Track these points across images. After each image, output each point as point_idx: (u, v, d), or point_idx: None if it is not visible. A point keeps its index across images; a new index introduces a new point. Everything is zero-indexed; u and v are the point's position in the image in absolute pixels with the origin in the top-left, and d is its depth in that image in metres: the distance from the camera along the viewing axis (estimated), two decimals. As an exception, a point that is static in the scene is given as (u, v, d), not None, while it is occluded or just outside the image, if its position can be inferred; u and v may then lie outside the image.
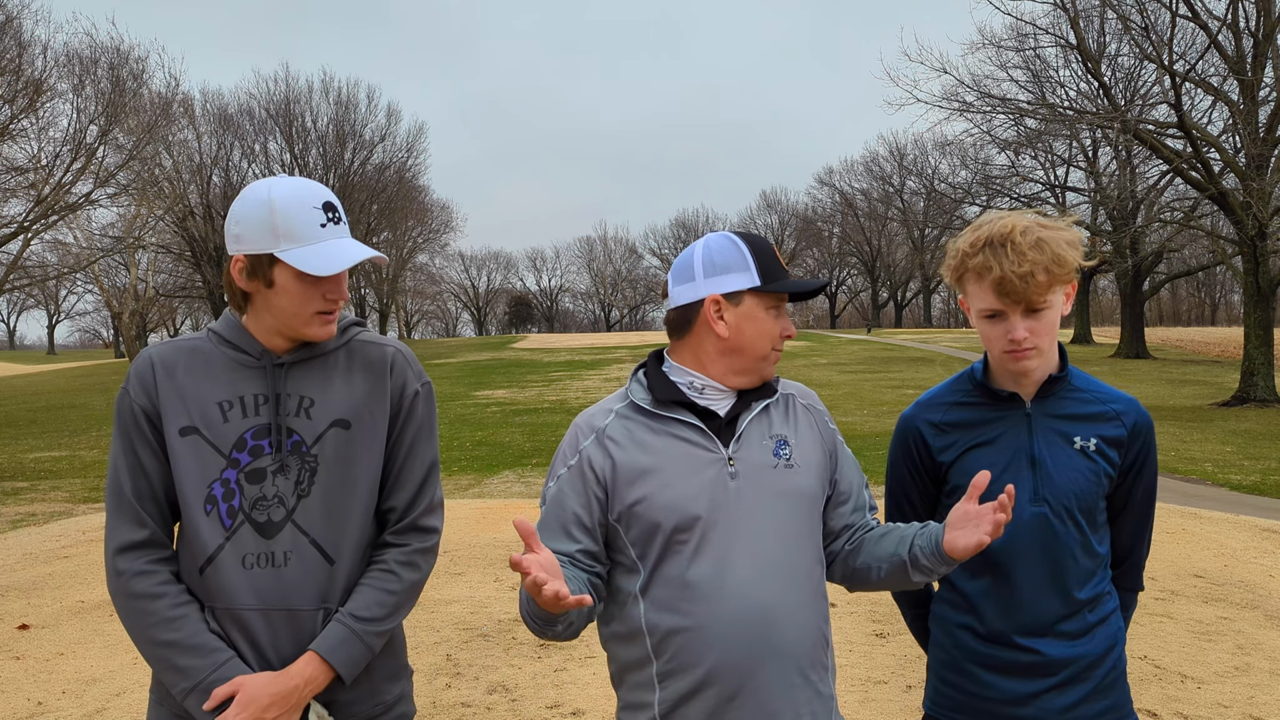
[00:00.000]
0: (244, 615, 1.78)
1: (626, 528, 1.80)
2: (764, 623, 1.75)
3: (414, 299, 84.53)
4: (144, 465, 1.81)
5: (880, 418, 19.79)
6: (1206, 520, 8.69)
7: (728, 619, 1.74)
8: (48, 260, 36.42)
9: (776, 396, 1.92)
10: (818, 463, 1.90)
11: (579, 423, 1.89)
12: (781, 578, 1.78)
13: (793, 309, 23.91)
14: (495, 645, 5.13)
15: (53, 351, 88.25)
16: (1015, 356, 1.88)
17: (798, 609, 1.79)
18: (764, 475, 1.82)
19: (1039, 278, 1.81)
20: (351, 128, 49.39)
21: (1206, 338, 48.20)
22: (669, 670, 1.76)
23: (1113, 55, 32.68)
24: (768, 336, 1.85)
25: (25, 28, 24.99)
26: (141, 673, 4.83)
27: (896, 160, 71.84)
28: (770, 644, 1.75)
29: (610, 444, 1.82)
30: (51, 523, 10.13)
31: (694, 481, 1.78)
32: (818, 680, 1.82)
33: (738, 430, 1.84)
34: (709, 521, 1.76)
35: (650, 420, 1.84)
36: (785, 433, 1.88)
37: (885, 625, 5.39)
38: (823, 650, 1.85)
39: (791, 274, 1.93)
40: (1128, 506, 2.03)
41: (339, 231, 1.82)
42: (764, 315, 1.85)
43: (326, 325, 1.84)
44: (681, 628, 1.75)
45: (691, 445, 1.81)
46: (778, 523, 1.80)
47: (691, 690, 1.75)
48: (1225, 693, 4.37)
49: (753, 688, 1.74)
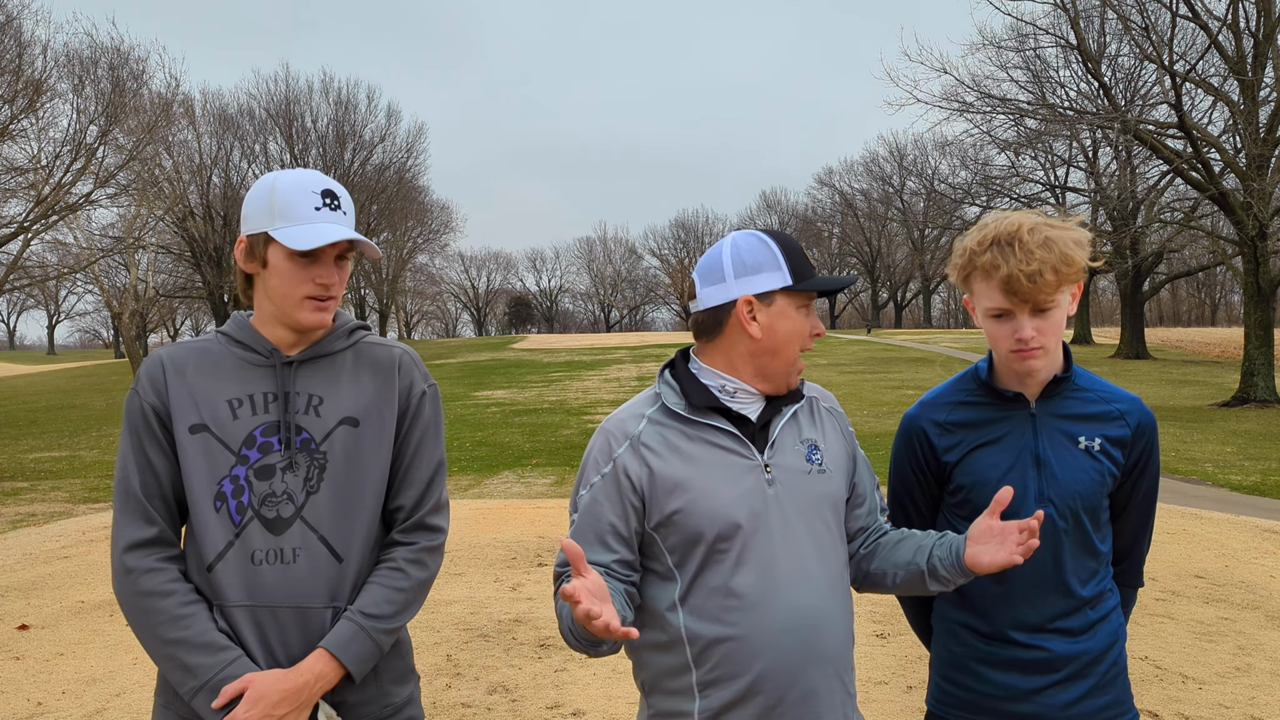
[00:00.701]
0: (253, 612, 1.79)
1: (665, 537, 1.78)
2: (810, 630, 1.76)
3: (414, 299, 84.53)
4: (153, 464, 1.81)
5: (880, 418, 19.79)
6: (1207, 521, 8.69)
7: (775, 628, 1.74)
8: (48, 260, 36.46)
9: (804, 400, 1.92)
10: (844, 466, 1.92)
11: (610, 429, 1.85)
12: (822, 584, 1.80)
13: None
14: (495, 646, 5.13)
15: (53, 352, 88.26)
16: (1022, 356, 1.88)
17: (838, 614, 1.81)
18: (800, 481, 1.82)
19: (1047, 277, 1.80)
20: (351, 128, 49.49)
21: (1206, 338, 48.20)
22: (711, 679, 1.75)
23: (1113, 55, 32.72)
24: (799, 335, 1.83)
25: (25, 28, 25.08)
26: (141, 673, 4.83)
27: (896, 161, 71.97)
28: (815, 651, 1.76)
29: (646, 451, 1.79)
30: (51, 523, 10.13)
31: (734, 490, 1.77)
32: (849, 681, 1.85)
33: (771, 436, 1.83)
34: (750, 530, 1.76)
35: (685, 426, 1.82)
36: (814, 437, 1.89)
37: (886, 625, 5.39)
38: (852, 651, 1.88)
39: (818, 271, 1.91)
40: (1130, 505, 2.04)
41: (334, 218, 1.84)
42: (795, 314, 1.83)
43: (318, 312, 1.84)
44: (726, 637, 1.74)
45: (728, 452, 1.80)
46: (814, 528, 1.81)
47: (736, 699, 1.74)
48: (1226, 693, 4.37)
49: (797, 695, 1.75)
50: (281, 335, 1.88)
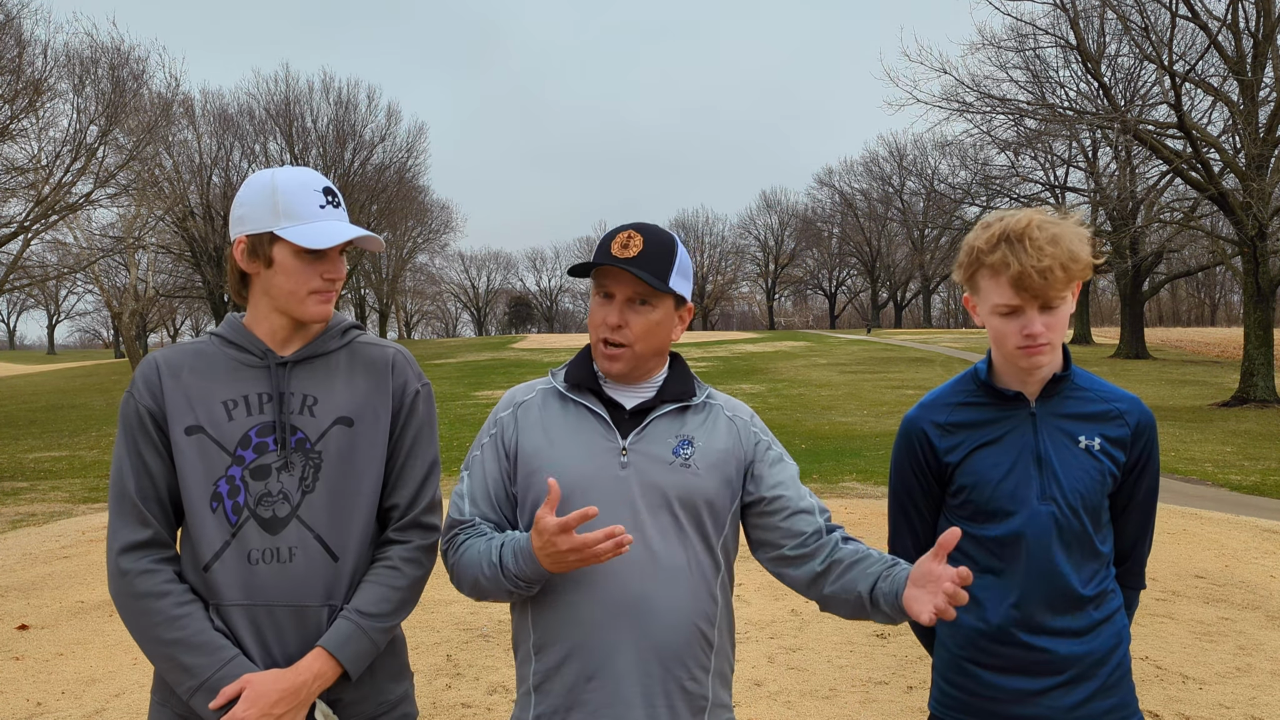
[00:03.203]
0: (249, 611, 1.79)
1: (522, 499, 1.90)
2: (633, 613, 1.80)
3: (414, 299, 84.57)
4: (148, 466, 1.82)
5: (880, 418, 19.79)
6: (1207, 521, 8.69)
7: (593, 602, 1.81)
8: (48, 260, 36.43)
9: (696, 402, 1.96)
10: (724, 471, 1.91)
11: (506, 395, 2.03)
12: (654, 570, 1.82)
13: (791, 308, 23.54)
14: (495, 646, 5.13)
15: (53, 351, 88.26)
16: (1029, 352, 1.88)
17: (669, 603, 1.82)
18: (656, 470, 1.86)
19: (1058, 273, 1.82)
20: (351, 128, 49.38)
21: (1206, 338, 48.19)
22: (542, 644, 1.86)
23: (1112, 56, 32.70)
24: (594, 327, 1.92)
25: (25, 28, 25.05)
26: (141, 673, 4.82)
27: (896, 161, 72.02)
28: (638, 635, 1.80)
29: (522, 419, 1.94)
30: (51, 523, 10.12)
31: (582, 465, 1.86)
32: (685, 677, 1.83)
33: (643, 424, 1.90)
34: (583, 501, 1.80)
35: (563, 404, 1.94)
36: (694, 435, 1.92)
37: (886, 626, 5.38)
38: (701, 649, 1.86)
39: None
40: (1131, 505, 2.04)
41: (337, 215, 1.87)
42: (593, 302, 1.93)
43: (322, 305, 1.87)
44: (552, 603, 1.84)
45: (591, 432, 1.89)
46: (660, 518, 1.85)
47: (554, 665, 1.83)
48: (1227, 693, 4.37)
49: (611, 674, 1.80)
50: (276, 332, 1.89)
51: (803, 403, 23.84)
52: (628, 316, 1.88)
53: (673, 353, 2.03)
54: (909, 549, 2.14)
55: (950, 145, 42.65)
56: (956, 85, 27.45)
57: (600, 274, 1.89)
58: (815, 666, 4.74)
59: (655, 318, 1.89)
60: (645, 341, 1.89)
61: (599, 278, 1.90)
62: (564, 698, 1.81)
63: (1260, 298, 22.35)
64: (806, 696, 4.36)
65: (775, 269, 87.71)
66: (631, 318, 1.88)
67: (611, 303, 1.89)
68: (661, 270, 1.86)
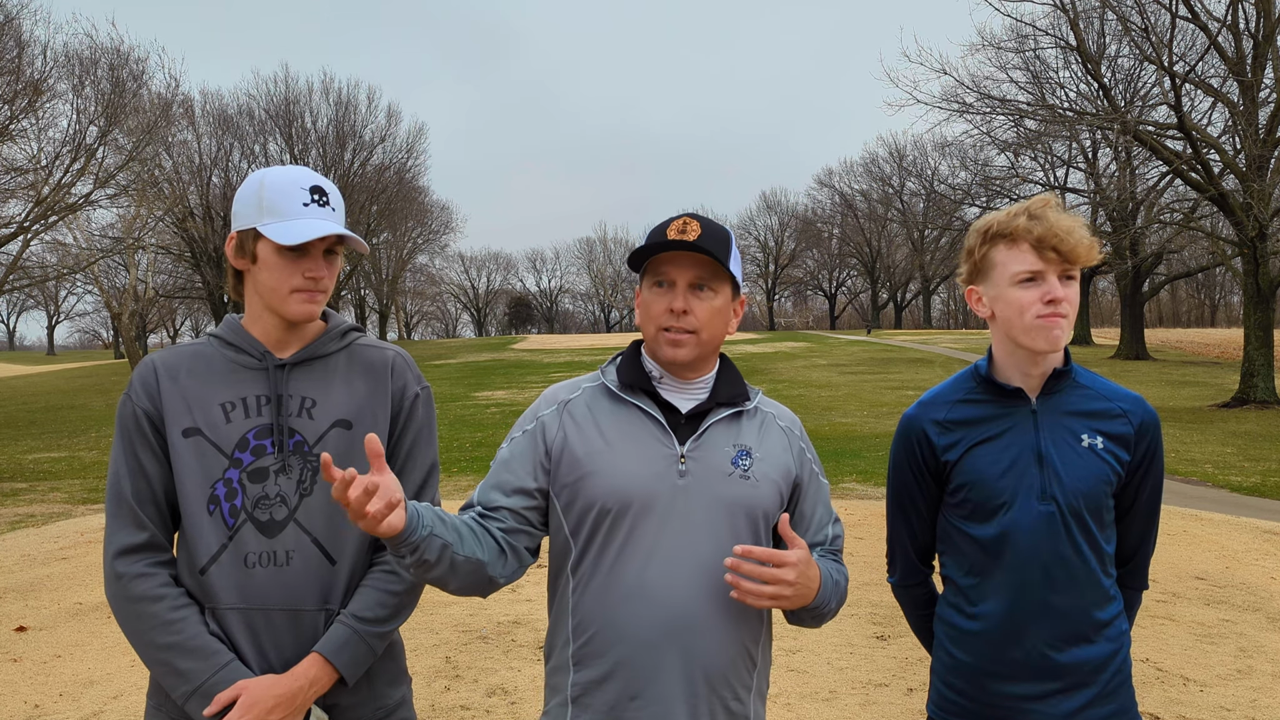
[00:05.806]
0: (246, 615, 1.78)
1: (565, 503, 1.80)
2: (677, 627, 1.73)
3: (414, 300, 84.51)
4: (145, 469, 1.81)
5: (880, 418, 19.78)
6: (1208, 522, 8.68)
7: (641, 619, 1.73)
8: (47, 261, 36.36)
9: (750, 407, 1.90)
10: (779, 484, 1.86)
11: (547, 392, 1.92)
12: (707, 586, 1.74)
13: (791, 309, 23.42)
14: (494, 648, 5.12)
15: (52, 352, 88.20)
16: (1050, 320, 1.85)
17: (719, 621, 1.75)
18: (715, 480, 1.78)
19: (1079, 235, 1.83)
20: (351, 128, 49.37)
21: (1206, 339, 48.18)
22: (583, 655, 1.77)
23: (1112, 56, 32.68)
24: (651, 318, 1.83)
25: (25, 28, 25.00)
26: (139, 675, 4.81)
27: (896, 161, 71.99)
28: (680, 649, 1.73)
29: (568, 419, 1.85)
30: (50, 524, 10.10)
31: (639, 471, 1.77)
32: (730, 697, 1.78)
33: (700, 429, 1.82)
34: (641, 513, 1.75)
35: (614, 404, 1.85)
36: (751, 445, 1.85)
37: (886, 627, 5.37)
38: (745, 669, 1.81)
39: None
40: (1134, 505, 2.01)
41: (322, 213, 1.84)
42: (648, 294, 1.85)
43: (306, 305, 1.84)
44: (598, 614, 1.76)
45: (648, 436, 1.80)
46: (718, 531, 1.77)
47: (597, 680, 1.75)
48: (1227, 695, 4.36)
49: (655, 693, 1.72)
50: (272, 332, 1.88)
51: (803, 403, 23.83)
52: (691, 302, 1.79)
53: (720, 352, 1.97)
54: (907, 549, 2.12)
55: (950, 146, 42.80)
56: (956, 86, 27.52)
57: (657, 262, 1.81)
58: (815, 668, 4.73)
59: (717, 304, 1.82)
60: (709, 329, 1.81)
61: (655, 266, 1.82)
62: (605, 714, 1.74)
63: (1260, 299, 22.33)
64: (806, 699, 4.35)
65: (775, 269, 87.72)
66: (695, 303, 1.80)
67: (672, 290, 1.80)
68: (722, 254, 1.79)
